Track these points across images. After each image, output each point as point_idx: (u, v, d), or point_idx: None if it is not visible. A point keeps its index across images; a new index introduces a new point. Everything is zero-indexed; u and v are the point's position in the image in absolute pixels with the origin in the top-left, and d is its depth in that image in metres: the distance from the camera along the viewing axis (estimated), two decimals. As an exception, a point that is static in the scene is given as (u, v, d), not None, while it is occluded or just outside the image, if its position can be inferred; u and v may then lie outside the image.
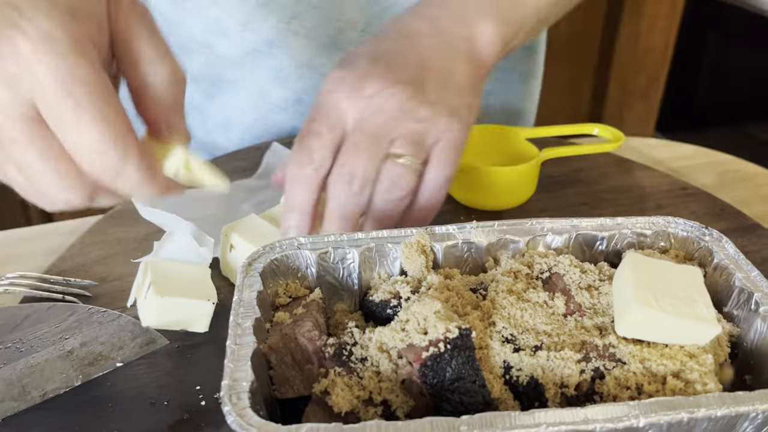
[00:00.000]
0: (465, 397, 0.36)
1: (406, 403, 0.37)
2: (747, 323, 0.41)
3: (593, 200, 0.68)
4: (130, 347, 0.47)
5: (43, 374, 0.45)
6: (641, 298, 0.37)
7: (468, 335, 0.36)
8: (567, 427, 0.31)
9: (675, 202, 0.67)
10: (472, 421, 0.32)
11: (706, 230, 0.46)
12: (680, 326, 0.37)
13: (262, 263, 0.43)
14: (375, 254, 0.45)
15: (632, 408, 0.32)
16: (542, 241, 0.47)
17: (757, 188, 0.73)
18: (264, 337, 0.39)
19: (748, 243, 0.61)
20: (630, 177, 0.72)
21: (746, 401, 0.33)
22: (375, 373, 0.38)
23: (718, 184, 0.74)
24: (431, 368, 0.36)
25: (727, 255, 0.43)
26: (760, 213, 0.67)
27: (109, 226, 0.63)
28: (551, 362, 0.37)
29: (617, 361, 0.37)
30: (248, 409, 0.33)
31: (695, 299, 0.38)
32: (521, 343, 0.39)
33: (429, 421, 0.32)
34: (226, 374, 0.35)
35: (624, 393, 0.36)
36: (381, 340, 0.38)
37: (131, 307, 0.53)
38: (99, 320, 0.48)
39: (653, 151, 0.80)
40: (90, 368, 0.45)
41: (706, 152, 0.81)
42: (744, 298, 0.41)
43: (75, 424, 0.43)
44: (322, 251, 0.45)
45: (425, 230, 0.46)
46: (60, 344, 0.46)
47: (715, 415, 0.32)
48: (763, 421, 0.35)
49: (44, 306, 0.49)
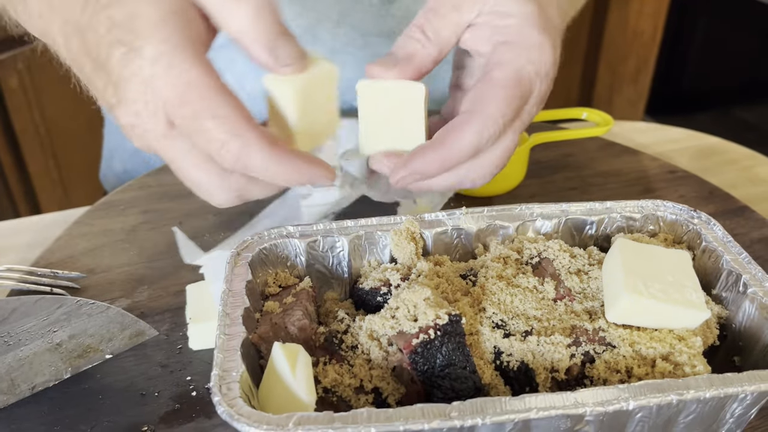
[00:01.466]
0: (456, 383, 0.36)
1: (398, 390, 0.37)
2: (735, 305, 0.41)
3: (582, 185, 0.68)
4: (119, 339, 0.47)
5: (32, 367, 0.44)
6: (631, 286, 0.37)
7: (458, 321, 0.36)
8: (557, 411, 0.32)
9: (664, 185, 0.68)
10: (463, 407, 0.32)
11: (694, 213, 0.46)
12: (670, 312, 0.37)
13: (250, 253, 0.43)
14: (364, 242, 0.45)
15: (622, 391, 0.32)
16: (532, 226, 0.47)
17: (745, 171, 0.74)
18: (254, 327, 0.39)
19: (737, 225, 0.61)
20: (619, 161, 0.72)
21: (735, 382, 0.33)
22: (366, 360, 0.38)
23: (706, 167, 0.74)
24: (421, 355, 0.36)
25: (715, 237, 0.44)
26: (748, 195, 0.67)
27: (96, 217, 0.63)
28: (541, 347, 0.37)
29: (607, 344, 0.37)
30: (238, 399, 0.32)
31: (685, 284, 0.38)
32: (511, 328, 0.39)
33: (420, 408, 0.32)
34: (216, 364, 0.35)
35: (614, 376, 0.36)
36: (371, 328, 0.38)
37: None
38: (87, 312, 0.48)
39: (642, 135, 0.80)
40: (79, 360, 0.45)
41: (695, 135, 0.81)
42: (732, 280, 0.41)
43: (65, 416, 0.43)
44: (311, 240, 0.44)
45: (414, 217, 0.45)
46: (48, 337, 0.46)
47: (704, 396, 0.33)
48: (752, 401, 0.35)
49: (32, 299, 0.49)
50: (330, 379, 0.36)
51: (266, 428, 0.31)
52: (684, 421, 0.35)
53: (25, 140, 1.33)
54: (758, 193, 0.69)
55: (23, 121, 1.32)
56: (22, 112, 1.31)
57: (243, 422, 0.31)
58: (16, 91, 1.29)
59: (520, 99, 0.42)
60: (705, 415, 0.35)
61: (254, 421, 0.31)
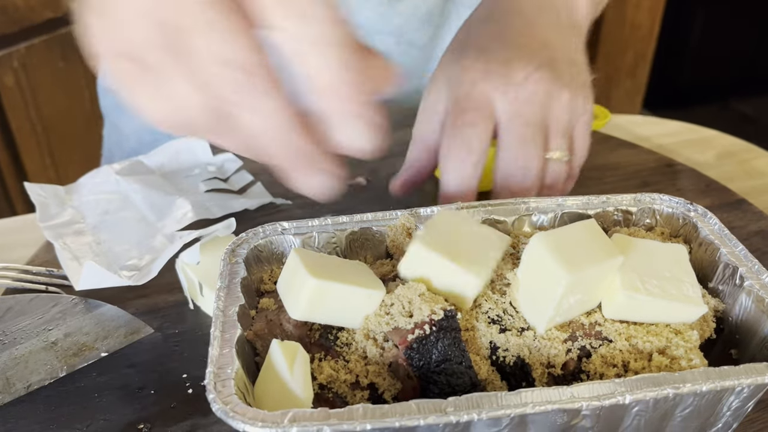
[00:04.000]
0: (452, 378, 0.35)
1: (394, 386, 0.37)
2: (732, 298, 0.41)
3: (580, 179, 0.67)
4: (114, 337, 0.47)
5: (27, 366, 0.44)
6: (627, 282, 0.37)
7: (453, 317, 0.36)
8: (553, 405, 0.31)
9: (661, 179, 0.67)
10: (459, 402, 0.31)
11: (691, 206, 0.45)
12: (667, 307, 0.37)
13: (245, 249, 0.43)
14: (360, 238, 0.45)
15: (618, 385, 0.32)
16: (528, 220, 0.46)
17: (743, 163, 0.74)
18: (249, 324, 0.39)
19: (735, 218, 0.61)
20: (616, 155, 0.72)
21: (731, 375, 0.33)
22: (361, 356, 0.38)
23: (704, 160, 0.74)
24: (417, 351, 0.35)
25: (712, 230, 0.43)
26: (746, 188, 0.67)
27: (92, 215, 0.63)
28: (538, 342, 0.37)
29: (603, 339, 0.37)
30: (233, 396, 0.32)
31: (681, 279, 0.38)
32: (507, 323, 0.39)
33: (415, 404, 0.31)
34: (211, 361, 0.34)
35: (610, 371, 0.36)
36: (366, 324, 0.38)
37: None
38: (83, 310, 0.48)
39: (639, 129, 0.80)
40: (74, 359, 0.45)
41: (692, 128, 0.80)
42: (729, 273, 0.41)
43: (61, 415, 0.42)
44: (306, 236, 0.44)
45: (410, 212, 0.45)
46: (44, 335, 0.46)
47: (701, 390, 0.32)
48: (749, 394, 0.35)
49: (27, 297, 0.49)
50: (325, 376, 0.36)
51: (261, 425, 0.31)
52: (681, 414, 0.35)
53: (22, 138, 1.33)
54: (756, 185, 0.69)
55: (19, 119, 1.31)
56: (18, 110, 1.31)
57: (238, 419, 0.31)
58: (12, 89, 1.29)
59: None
60: (702, 409, 0.35)
61: (249, 418, 0.31)
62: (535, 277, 0.37)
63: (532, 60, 0.51)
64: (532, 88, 0.50)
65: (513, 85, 0.50)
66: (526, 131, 0.49)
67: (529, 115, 0.50)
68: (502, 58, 0.51)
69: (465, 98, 0.50)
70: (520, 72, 0.50)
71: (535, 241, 0.37)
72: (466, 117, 0.50)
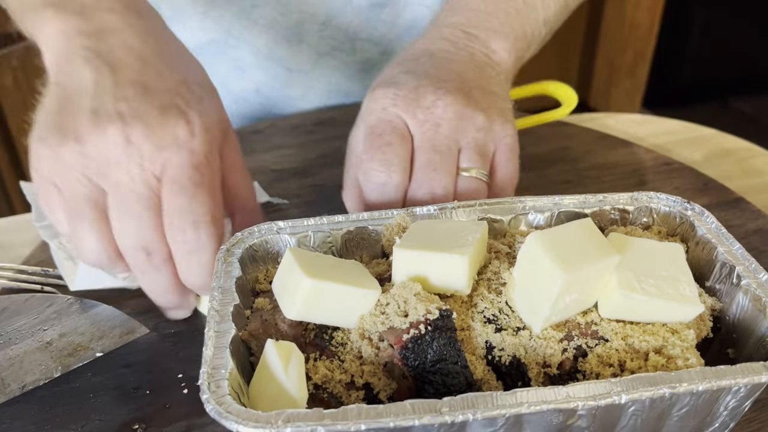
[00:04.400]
0: (447, 378, 0.35)
1: (389, 386, 0.37)
2: (729, 297, 0.40)
3: (577, 178, 0.68)
4: (109, 337, 0.47)
5: (22, 366, 0.44)
6: (624, 282, 0.37)
7: (449, 316, 0.36)
8: (549, 405, 0.31)
9: (659, 177, 0.67)
10: (454, 402, 0.31)
11: (688, 205, 0.45)
12: (663, 306, 0.37)
13: (241, 249, 0.42)
14: (356, 237, 0.45)
15: (614, 385, 0.32)
16: (524, 219, 0.46)
17: (741, 162, 0.73)
18: (244, 324, 0.39)
19: (732, 217, 0.60)
20: (614, 154, 0.71)
21: (728, 375, 0.33)
22: (357, 356, 0.37)
23: (702, 159, 0.74)
24: (412, 350, 0.35)
25: (709, 229, 0.43)
26: (744, 187, 0.67)
27: (89, 214, 0.62)
28: (534, 342, 0.37)
29: (599, 338, 0.37)
30: (227, 396, 0.32)
31: (678, 278, 0.38)
32: (503, 323, 0.38)
33: (410, 404, 0.31)
34: (205, 362, 0.34)
35: (607, 370, 0.36)
36: (361, 324, 0.37)
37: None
38: (78, 310, 0.48)
39: (638, 128, 0.80)
40: (69, 359, 0.45)
41: (691, 127, 0.80)
42: (726, 272, 0.41)
43: (56, 415, 0.42)
44: (301, 235, 0.44)
45: (406, 212, 0.45)
46: (39, 335, 0.46)
47: (697, 389, 0.32)
48: (746, 394, 0.35)
49: (22, 297, 0.48)
50: (320, 375, 0.36)
51: (255, 426, 0.30)
52: (677, 414, 0.35)
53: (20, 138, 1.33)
54: (754, 184, 0.69)
55: (18, 119, 1.31)
56: (17, 109, 1.31)
57: (232, 420, 0.31)
58: (10, 89, 1.29)
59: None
60: (699, 408, 0.35)
61: (243, 418, 0.31)
62: (531, 276, 0.37)
63: (442, 86, 0.51)
64: (441, 112, 0.50)
65: (422, 108, 0.50)
66: (433, 158, 0.49)
67: (439, 139, 0.49)
68: (412, 86, 0.51)
69: (378, 123, 0.50)
70: (430, 96, 0.50)
71: (531, 240, 0.37)
72: (383, 138, 0.49)
